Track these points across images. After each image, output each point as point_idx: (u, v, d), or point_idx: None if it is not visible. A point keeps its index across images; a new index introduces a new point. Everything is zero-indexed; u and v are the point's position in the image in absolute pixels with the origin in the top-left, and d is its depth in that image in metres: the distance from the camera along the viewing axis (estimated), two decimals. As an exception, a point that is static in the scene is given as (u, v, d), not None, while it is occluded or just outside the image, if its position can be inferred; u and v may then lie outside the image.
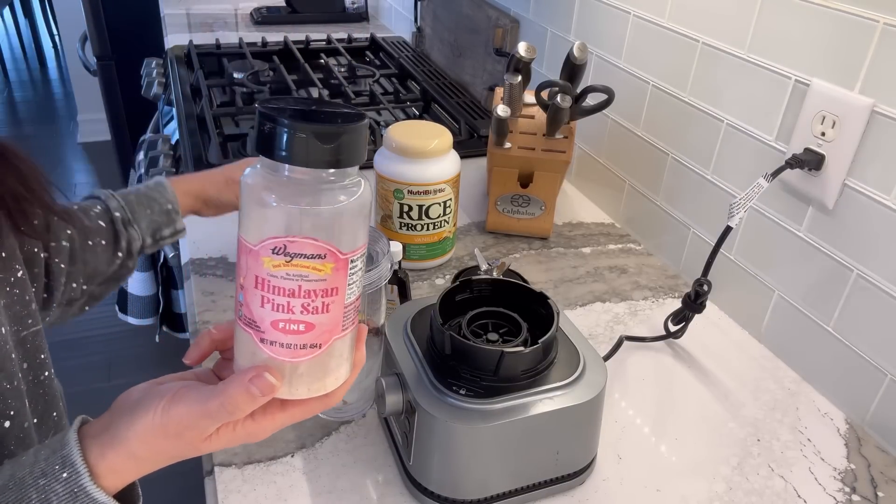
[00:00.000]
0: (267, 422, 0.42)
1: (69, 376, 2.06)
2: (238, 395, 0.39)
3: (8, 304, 0.52)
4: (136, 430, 0.41)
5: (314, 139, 0.35)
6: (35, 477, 0.40)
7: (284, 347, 0.40)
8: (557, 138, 0.99)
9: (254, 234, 0.38)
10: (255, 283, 0.39)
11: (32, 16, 4.65)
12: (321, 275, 0.38)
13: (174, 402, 0.41)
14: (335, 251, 0.38)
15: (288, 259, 0.38)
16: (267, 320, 0.39)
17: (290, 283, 0.38)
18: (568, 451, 0.62)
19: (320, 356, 0.41)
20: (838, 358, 0.75)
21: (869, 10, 0.66)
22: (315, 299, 0.39)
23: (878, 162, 0.68)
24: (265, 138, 0.36)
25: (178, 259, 1.22)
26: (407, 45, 1.86)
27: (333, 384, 0.43)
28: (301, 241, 0.37)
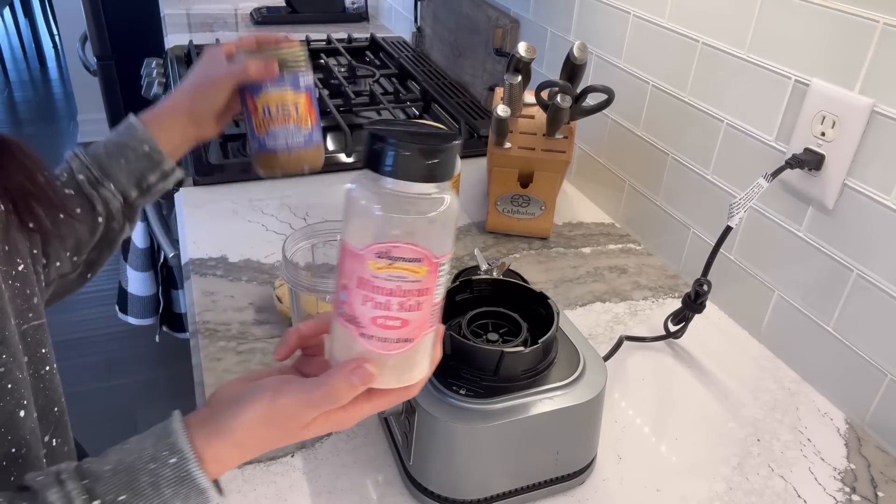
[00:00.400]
0: (355, 410, 0.46)
1: (69, 376, 2.06)
2: (341, 384, 0.43)
3: (10, 298, 0.52)
4: (241, 421, 0.44)
5: (418, 157, 0.41)
6: (145, 461, 0.43)
7: (381, 341, 0.44)
8: (557, 138, 0.99)
9: (359, 239, 0.43)
10: (359, 283, 0.43)
11: (32, 16, 4.65)
12: (417, 276, 0.43)
13: (279, 394, 0.44)
14: (430, 255, 0.43)
15: (390, 262, 0.42)
16: (367, 317, 0.44)
17: (391, 283, 0.43)
18: (568, 451, 0.62)
19: (410, 350, 0.45)
20: (838, 358, 0.75)
21: (869, 10, 0.66)
22: (410, 298, 0.43)
23: (878, 162, 0.68)
24: (374, 156, 0.42)
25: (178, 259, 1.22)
26: (407, 45, 1.86)
27: (418, 375, 0.47)
28: (403, 246, 0.42)
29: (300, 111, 0.73)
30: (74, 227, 0.65)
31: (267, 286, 0.89)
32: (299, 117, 0.73)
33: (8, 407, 0.50)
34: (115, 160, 0.68)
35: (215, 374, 0.75)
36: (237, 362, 0.77)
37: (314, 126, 0.75)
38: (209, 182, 1.12)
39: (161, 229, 1.42)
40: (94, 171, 0.67)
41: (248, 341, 0.80)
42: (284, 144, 0.73)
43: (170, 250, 1.39)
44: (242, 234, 1.00)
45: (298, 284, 0.64)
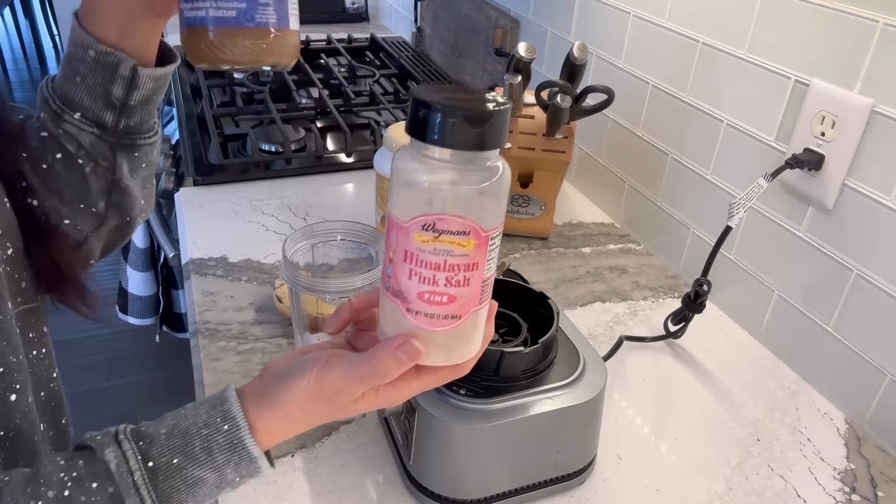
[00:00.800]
0: (404, 387, 0.45)
1: (69, 376, 2.06)
2: (388, 359, 0.43)
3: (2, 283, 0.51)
4: (292, 394, 0.44)
5: (464, 123, 0.38)
6: (199, 427, 0.44)
7: (428, 317, 0.43)
8: (557, 138, 0.99)
9: (405, 211, 0.41)
10: (405, 257, 0.42)
11: (32, 16, 4.65)
12: (465, 250, 0.41)
13: (327, 368, 0.44)
14: (478, 228, 0.41)
15: (436, 235, 0.41)
16: (413, 291, 0.42)
17: (437, 257, 0.41)
18: (568, 451, 0.62)
19: (459, 327, 0.44)
20: (838, 358, 0.75)
21: (869, 10, 0.66)
22: (458, 273, 0.42)
23: (877, 162, 0.68)
24: (419, 123, 0.39)
25: (178, 259, 1.22)
26: (407, 45, 1.86)
27: (469, 353, 0.45)
28: (449, 218, 0.40)
29: None
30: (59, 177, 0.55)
31: (267, 286, 0.89)
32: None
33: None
34: (70, 82, 0.53)
35: (215, 374, 0.75)
36: (237, 362, 0.77)
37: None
38: (209, 182, 1.12)
39: (161, 229, 1.42)
40: (53, 104, 0.54)
41: (248, 341, 0.80)
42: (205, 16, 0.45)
43: (170, 250, 1.39)
44: (242, 234, 1.00)
45: (298, 284, 0.64)
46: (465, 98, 0.40)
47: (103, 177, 0.57)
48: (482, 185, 0.40)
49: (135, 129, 0.57)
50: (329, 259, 0.74)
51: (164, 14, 0.52)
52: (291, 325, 0.77)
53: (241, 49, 0.47)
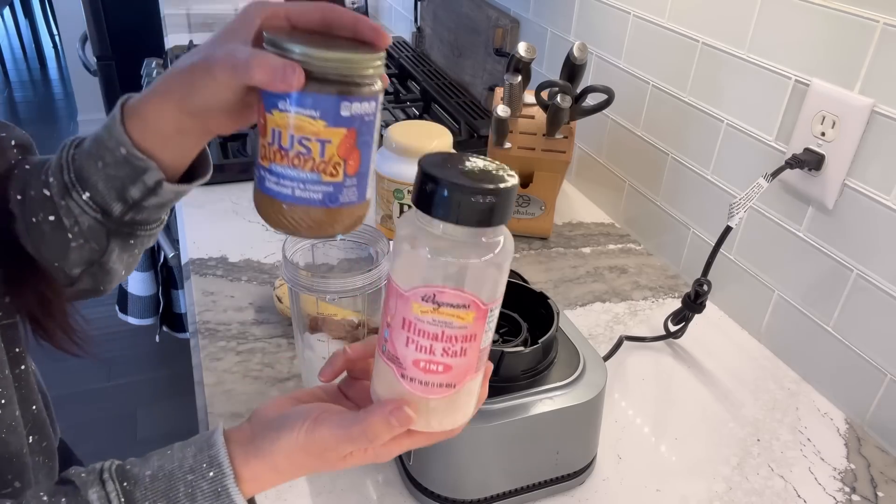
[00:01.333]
0: (394, 446, 0.45)
1: (69, 376, 2.06)
2: (379, 424, 0.42)
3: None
4: (280, 446, 0.43)
5: (470, 201, 0.38)
6: (184, 471, 0.43)
7: (422, 385, 0.43)
8: (557, 138, 0.99)
9: (405, 279, 0.41)
10: (403, 324, 0.42)
11: (32, 16, 4.65)
12: (463, 322, 0.41)
13: (317, 424, 0.43)
14: (478, 302, 0.41)
15: (435, 307, 0.41)
16: (409, 359, 0.42)
17: (435, 328, 0.41)
18: (568, 451, 0.62)
19: (453, 395, 0.44)
20: (838, 358, 0.75)
21: (869, 10, 0.66)
22: (455, 344, 0.42)
23: (878, 162, 0.68)
24: (425, 196, 0.39)
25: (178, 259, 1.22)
26: (407, 45, 1.86)
27: (462, 419, 0.46)
28: (450, 292, 0.40)
29: (328, 154, 0.45)
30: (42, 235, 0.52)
31: (267, 286, 0.89)
32: (324, 163, 0.45)
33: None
34: (92, 163, 0.50)
35: (215, 374, 0.75)
36: (237, 362, 0.77)
37: (349, 179, 0.46)
38: (209, 182, 1.12)
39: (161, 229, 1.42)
40: (66, 176, 0.50)
41: (248, 341, 0.80)
42: (290, 194, 0.46)
43: (170, 250, 1.39)
44: (242, 234, 1.00)
45: (298, 284, 0.64)
46: (474, 172, 0.40)
47: (88, 254, 0.53)
48: (484, 259, 0.40)
49: (139, 222, 0.54)
50: (329, 259, 0.74)
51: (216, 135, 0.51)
52: (291, 325, 0.77)
53: (318, 225, 0.48)
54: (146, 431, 1.93)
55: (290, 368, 0.76)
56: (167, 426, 1.95)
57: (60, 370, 2.07)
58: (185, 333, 1.69)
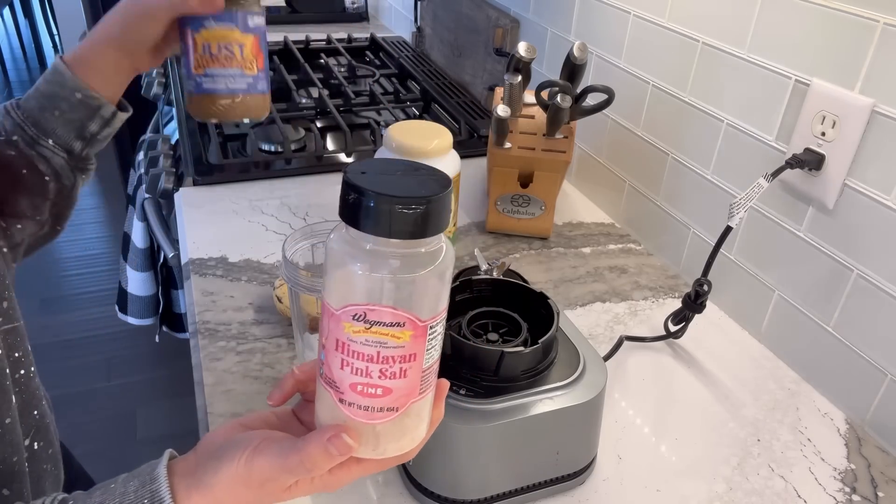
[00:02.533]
0: (343, 474, 0.44)
1: (69, 376, 2.06)
2: (317, 454, 0.41)
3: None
4: (219, 478, 0.42)
5: (399, 212, 0.35)
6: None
7: (362, 409, 0.41)
8: (557, 138, 0.99)
9: (336, 298, 0.38)
10: (336, 345, 0.39)
11: (32, 16, 4.65)
12: (399, 342, 0.38)
13: (256, 454, 0.42)
14: (414, 319, 0.38)
15: (367, 326, 0.38)
16: (346, 382, 0.40)
17: (369, 348, 0.39)
18: (568, 451, 0.62)
19: (397, 418, 0.41)
20: (838, 358, 0.75)
21: (869, 10, 0.66)
22: (393, 365, 0.39)
23: (878, 162, 0.68)
24: (349, 208, 0.36)
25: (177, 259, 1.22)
26: (407, 45, 1.86)
27: (410, 444, 0.43)
28: (381, 309, 0.37)
29: (245, 54, 0.65)
30: (23, 190, 0.62)
31: (267, 286, 0.89)
32: (244, 60, 0.65)
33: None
34: (48, 113, 0.62)
35: (215, 374, 0.75)
36: (237, 362, 0.77)
37: (260, 72, 0.67)
38: (209, 182, 1.12)
39: (161, 229, 1.42)
40: (29, 130, 0.62)
41: (248, 341, 0.80)
42: (224, 88, 0.65)
43: (170, 250, 1.39)
44: (242, 234, 1.00)
45: (298, 284, 0.64)
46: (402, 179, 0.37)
47: (59, 192, 0.65)
48: (418, 273, 0.37)
49: (91, 156, 0.68)
50: (329, 259, 0.74)
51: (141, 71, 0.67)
52: (291, 325, 0.77)
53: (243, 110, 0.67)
54: (146, 431, 1.93)
55: (290, 368, 0.76)
56: (167, 426, 1.95)
57: (60, 370, 2.07)
58: (184, 333, 1.69)
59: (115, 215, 2.93)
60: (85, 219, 2.93)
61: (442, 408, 0.46)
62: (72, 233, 2.80)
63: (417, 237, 0.36)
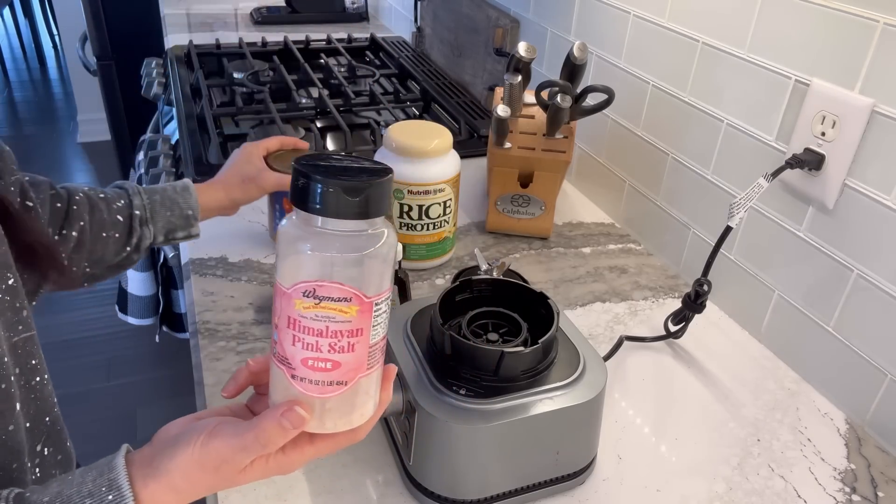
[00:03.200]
0: (296, 455, 0.45)
1: (69, 376, 2.06)
2: (271, 427, 0.42)
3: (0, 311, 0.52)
4: (176, 463, 0.43)
5: (343, 194, 0.39)
6: (82, 496, 0.42)
7: (313, 384, 0.43)
8: (557, 138, 0.99)
9: (288, 278, 0.41)
10: (288, 323, 0.42)
11: (32, 16, 4.65)
12: (347, 317, 0.41)
13: (211, 437, 0.43)
14: (360, 295, 0.41)
15: (317, 302, 0.41)
16: (297, 358, 0.42)
17: (319, 323, 0.41)
18: (568, 451, 0.62)
19: (346, 393, 0.44)
20: (838, 358, 0.75)
21: (869, 10, 0.66)
22: (341, 339, 0.42)
23: (878, 162, 0.68)
24: (299, 192, 0.40)
25: (178, 259, 1.22)
26: (407, 45, 1.86)
27: (359, 420, 0.46)
28: (329, 285, 0.40)
29: None
30: (108, 246, 0.73)
31: (267, 286, 0.89)
32: None
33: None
34: (163, 210, 0.77)
35: (215, 374, 0.75)
36: (237, 362, 0.77)
37: None
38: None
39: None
40: (147, 212, 0.76)
41: (248, 341, 0.80)
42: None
43: (170, 250, 1.39)
44: (242, 234, 1.00)
45: (298, 284, 0.64)
46: (348, 168, 0.41)
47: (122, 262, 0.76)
48: (362, 252, 0.40)
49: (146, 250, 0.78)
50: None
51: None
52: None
53: None
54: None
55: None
56: (167, 426, 1.95)
57: (60, 370, 2.07)
58: (184, 333, 1.69)
59: (115, 215, 2.92)
60: (85, 219, 2.93)
61: (389, 391, 0.48)
62: (72, 233, 2.80)
63: (361, 218, 0.40)
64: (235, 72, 1.55)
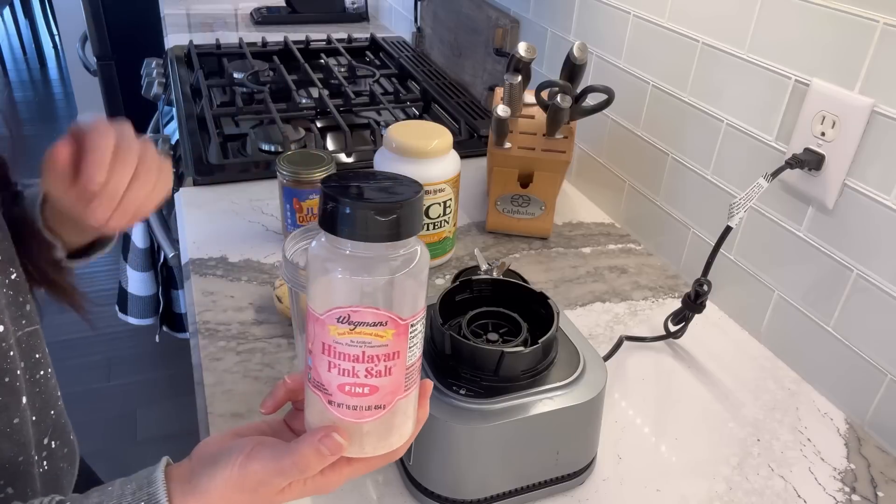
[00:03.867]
0: (335, 476, 0.45)
1: (69, 376, 2.06)
2: (309, 454, 0.42)
3: (5, 306, 0.52)
4: (216, 484, 0.43)
5: (373, 217, 0.38)
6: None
7: (351, 409, 0.42)
8: (557, 138, 0.99)
9: (320, 303, 0.41)
10: (323, 349, 0.41)
11: (32, 16, 4.65)
12: (383, 341, 0.40)
13: (251, 459, 0.43)
14: (395, 318, 0.40)
15: (351, 328, 0.40)
16: (334, 384, 0.42)
17: (354, 349, 0.41)
18: (568, 451, 0.62)
19: (385, 416, 0.43)
20: (838, 358, 0.75)
21: (869, 10, 0.66)
22: (378, 363, 0.41)
23: (878, 162, 0.68)
24: (328, 216, 0.39)
25: (178, 259, 1.22)
26: (407, 45, 1.86)
27: (398, 442, 0.45)
28: (363, 310, 0.40)
29: None
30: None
31: (267, 286, 0.89)
32: None
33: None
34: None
35: (215, 374, 0.75)
36: (237, 362, 0.77)
37: None
38: (209, 182, 1.12)
39: (161, 229, 1.42)
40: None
41: (248, 341, 0.80)
42: None
43: (170, 250, 1.39)
44: (242, 234, 1.00)
45: (298, 284, 0.64)
46: (377, 188, 0.40)
47: None
48: (396, 275, 0.39)
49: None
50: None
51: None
52: (291, 325, 0.77)
53: None
54: (146, 432, 1.94)
55: (290, 368, 0.76)
56: (167, 426, 1.95)
57: (60, 370, 2.07)
58: (185, 333, 1.69)
59: (115, 215, 2.92)
60: (85, 219, 2.93)
61: (427, 407, 0.47)
62: (72, 233, 2.80)
63: (393, 240, 0.39)
64: (235, 72, 1.55)
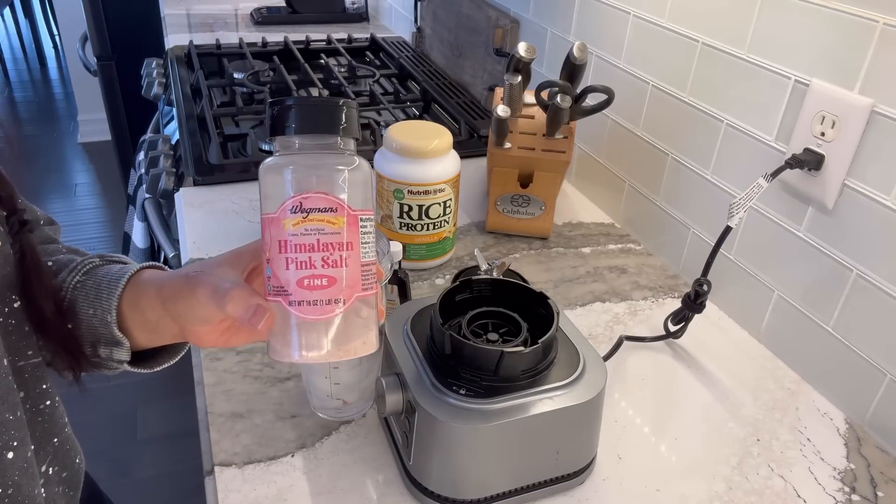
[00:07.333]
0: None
1: (69, 376, 2.06)
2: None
3: (3, 335, 0.51)
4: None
5: (315, 109, 0.43)
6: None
7: (311, 305, 0.43)
8: (557, 138, 0.99)
9: (274, 203, 0.43)
10: (279, 247, 0.43)
11: (32, 16, 4.65)
12: (335, 227, 0.43)
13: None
14: (345, 205, 0.43)
15: (304, 215, 0.42)
16: (293, 281, 0.43)
17: (309, 237, 0.42)
18: (568, 451, 0.62)
19: (346, 314, 0.44)
20: (838, 358, 0.75)
21: (869, 10, 0.66)
22: (333, 252, 0.43)
23: (877, 162, 0.68)
24: (277, 120, 0.43)
25: (178, 259, 1.22)
26: (407, 45, 1.86)
27: (361, 349, 0.45)
28: (314, 195, 0.42)
29: None
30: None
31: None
32: None
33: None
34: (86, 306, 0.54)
35: (215, 374, 0.75)
36: (237, 362, 0.77)
37: None
38: (209, 182, 1.12)
39: (161, 229, 1.42)
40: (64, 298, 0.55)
41: (248, 341, 0.80)
42: None
43: (170, 250, 1.39)
44: (242, 234, 1.00)
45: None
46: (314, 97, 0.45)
47: None
48: (340, 165, 0.43)
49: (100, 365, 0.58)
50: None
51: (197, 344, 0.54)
52: (291, 325, 0.77)
53: None
54: (146, 431, 1.93)
55: (291, 368, 0.76)
56: (167, 426, 1.95)
57: (60, 370, 2.07)
58: (185, 333, 1.68)
59: (115, 215, 2.93)
60: (85, 219, 2.94)
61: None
62: (72, 233, 2.80)
63: (333, 132, 0.43)
64: (236, 72, 1.55)
